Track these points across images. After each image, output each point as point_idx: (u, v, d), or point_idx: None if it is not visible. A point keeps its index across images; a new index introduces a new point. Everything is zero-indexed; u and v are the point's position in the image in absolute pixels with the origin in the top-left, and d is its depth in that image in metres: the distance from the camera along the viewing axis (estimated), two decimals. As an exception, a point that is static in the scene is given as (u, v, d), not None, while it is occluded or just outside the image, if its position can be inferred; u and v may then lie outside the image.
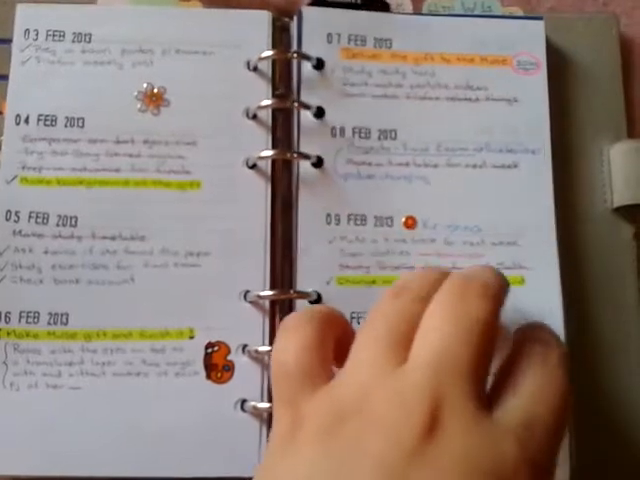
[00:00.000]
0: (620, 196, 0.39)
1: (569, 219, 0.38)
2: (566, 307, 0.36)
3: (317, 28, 0.38)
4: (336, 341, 0.27)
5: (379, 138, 0.38)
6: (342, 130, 0.38)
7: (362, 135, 0.38)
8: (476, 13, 0.41)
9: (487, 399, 0.23)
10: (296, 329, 0.26)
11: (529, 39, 0.39)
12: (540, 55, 0.39)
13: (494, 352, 0.24)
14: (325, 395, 0.23)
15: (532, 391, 0.23)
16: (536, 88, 0.39)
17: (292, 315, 0.29)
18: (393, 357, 0.23)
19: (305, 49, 0.38)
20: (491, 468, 0.21)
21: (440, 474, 0.20)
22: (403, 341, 0.24)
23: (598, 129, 0.40)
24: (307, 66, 0.38)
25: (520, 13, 0.41)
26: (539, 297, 0.36)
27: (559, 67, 0.40)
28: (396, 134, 0.38)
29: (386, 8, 0.40)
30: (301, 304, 0.35)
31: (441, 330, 0.23)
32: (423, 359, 0.23)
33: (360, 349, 0.25)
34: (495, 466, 0.21)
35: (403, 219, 0.37)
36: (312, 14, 0.39)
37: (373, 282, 0.36)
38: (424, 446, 0.21)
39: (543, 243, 0.37)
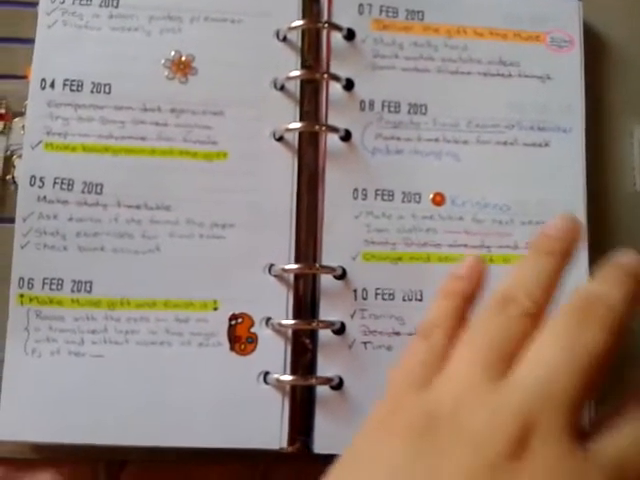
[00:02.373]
0: (650, 178, 0.37)
1: (597, 200, 0.36)
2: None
3: None
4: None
5: (409, 112, 0.36)
6: (371, 103, 0.36)
7: (391, 109, 0.36)
8: None
9: (585, 431, 0.21)
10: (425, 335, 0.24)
11: (563, 16, 0.37)
12: (574, 32, 0.37)
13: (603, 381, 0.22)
14: (424, 395, 0.22)
15: (636, 435, 0.21)
16: (570, 66, 0.37)
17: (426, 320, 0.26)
18: (493, 374, 0.22)
19: (336, 19, 0.36)
20: None
21: None
22: (505, 358, 0.22)
23: (629, 111, 0.38)
24: (337, 37, 0.36)
25: None
26: (567, 277, 0.35)
27: (592, 46, 0.38)
28: (426, 109, 0.36)
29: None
30: (326, 279, 0.34)
31: (552, 359, 0.22)
32: (526, 383, 0.21)
33: (461, 360, 0.23)
34: None
35: (431, 195, 0.35)
36: (344, -16, 0.36)
37: (399, 259, 0.34)
38: (509, 464, 0.20)
39: None
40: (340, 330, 0.34)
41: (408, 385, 0.23)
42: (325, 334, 0.34)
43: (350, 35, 0.36)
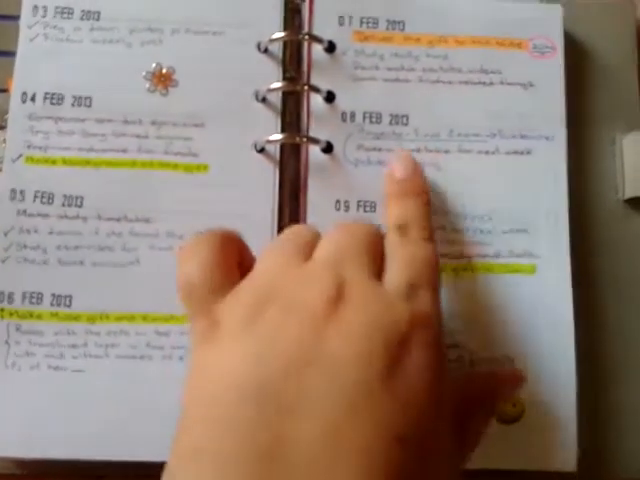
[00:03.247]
0: (632, 187, 0.36)
1: (580, 209, 0.36)
2: (576, 296, 0.34)
3: (329, 10, 0.36)
4: (239, 262, 0.27)
5: (390, 123, 0.35)
6: (352, 115, 0.35)
7: (373, 120, 0.35)
8: None
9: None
10: (194, 251, 0.26)
11: (545, 22, 0.36)
12: (556, 38, 0.36)
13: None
14: (236, 294, 0.24)
15: (406, 256, 0.26)
16: (552, 72, 0.36)
17: (187, 241, 0.27)
18: (300, 255, 0.25)
19: (317, 31, 0.35)
20: (391, 328, 0.23)
21: (349, 338, 0.22)
22: (307, 248, 0.26)
23: (611, 118, 0.37)
24: (318, 49, 0.35)
25: None
26: (549, 286, 0.34)
27: (573, 54, 0.37)
28: (408, 119, 0.35)
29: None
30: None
31: (337, 237, 0.26)
32: (324, 253, 0.26)
33: (267, 253, 0.26)
34: (394, 325, 0.23)
35: (413, 206, 0.35)
36: (324, -4, 0.36)
37: (381, 269, 0.34)
38: (334, 315, 0.22)
39: (555, 231, 0.34)
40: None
41: (212, 296, 0.25)
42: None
43: (331, 47, 0.35)
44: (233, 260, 0.26)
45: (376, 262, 0.26)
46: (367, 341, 0.22)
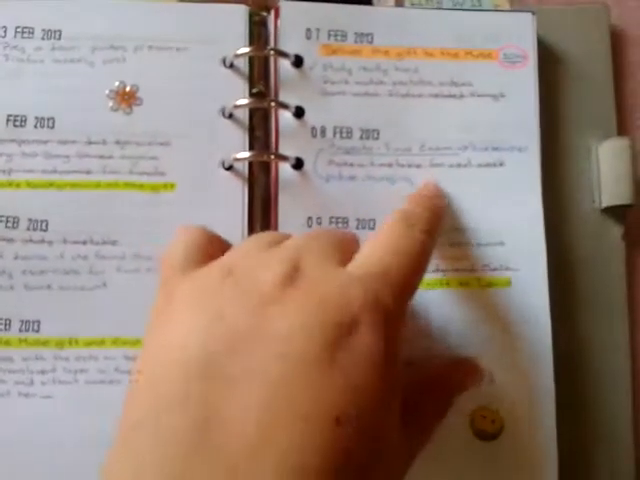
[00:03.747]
0: (609, 196, 0.35)
1: (556, 219, 0.35)
2: (553, 308, 0.33)
3: (295, 23, 0.34)
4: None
5: (361, 138, 0.34)
6: (323, 130, 0.34)
7: (343, 135, 0.34)
8: (466, 7, 0.37)
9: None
10: (184, 233, 0.27)
11: (515, 31, 0.35)
12: (528, 47, 0.35)
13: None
14: (199, 271, 0.25)
15: (386, 243, 0.26)
16: (523, 82, 0.35)
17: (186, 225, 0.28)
18: (271, 244, 0.26)
19: (283, 45, 0.34)
20: (340, 308, 0.22)
21: (293, 315, 0.22)
22: (279, 239, 0.26)
23: (587, 126, 0.36)
24: (285, 63, 0.34)
25: (507, 6, 0.37)
26: (526, 298, 0.33)
27: (547, 61, 0.36)
28: (379, 134, 0.34)
29: (368, 2, 0.36)
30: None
31: (308, 233, 0.27)
32: (291, 241, 0.26)
33: (242, 242, 0.27)
34: (344, 308, 0.22)
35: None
36: (290, 9, 0.35)
37: (353, 286, 0.33)
38: (283, 294, 0.22)
39: (530, 243, 0.33)
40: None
41: (180, 271, 0.25)
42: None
43: (298, 61, 0.34)
44: (216, 252, 0.26)
45: (343, 254, 0.25)
46: (311, 318, 0.22)
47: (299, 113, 0.34)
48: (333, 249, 0.25)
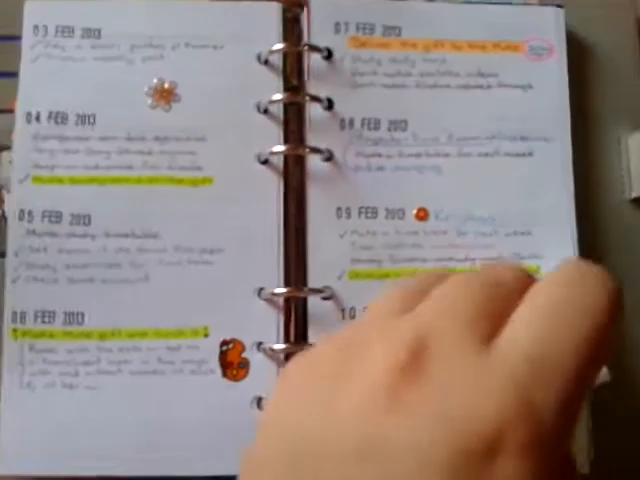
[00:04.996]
0: (638, 187, 0.35)
1: (586, 209, 0.34)
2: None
3: (325, 18, 0.34)
4: None
5: (389, 129, 0.34)
6: (351, 122, 0.34)
7: (371, 126, 0.34)
8: (495, 1, 0.36)
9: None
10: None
11: (541, 24, 0.35)
12: (554, 40, 0.35)
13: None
14: (327, 340, 0.20)
15: (550, 315, 0.17)
16: (550, 74, 0.35)
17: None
18: (406, 304, 0.19)
19: (313, 40, 0.34)
20: (474, 423, 0.15)
21: (407, 422, 0.16)
22: (418, 297, 0.19)
23: (616, 117, 0.36)
24: (316, 57, 0.34)
25: (536, 2, 0.36)
26: None
27: (577, 55, 0.36)
28: (406, 124, 0.34)
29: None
30: (314, 300, 0.32)
31: (447, 290, 0.19)
32: (422, 308, 0.19)
33: (380, 295, 0.21)
34: (479, 423, 0.15)
35: (414, 211, 0.33)
36: (319, 3, 0.34)
37: (386, 276, 0.33)
38: (399, 383, 0.16)
39: (559, 232, 0.33)
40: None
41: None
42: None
43: (329, 54, 0.34)
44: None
45: (494, 319, 0.18)
46: (429, 435, 0.15)
47: (329, 105, 0.34)
48: (476, 318, 0.18)
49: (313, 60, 0.34)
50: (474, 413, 0.15)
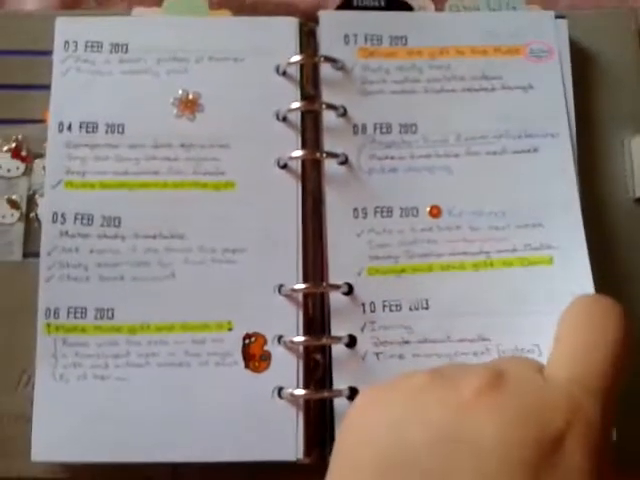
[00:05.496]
0: (642, 187, 0.36)
1: (591, 209, 0.35)
2: (597, 288, 0.33)
3: (335, 30, 0.36)
4: None
5: (400, 132, 0.35)
6: (364, 127, 0.35)
7: (383, 130, 0.35)
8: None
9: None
10: None
11: (540, 28, 0.37)
12: (553, 42, 0.37)
13: None
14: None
15: (580, 341, 0.23)
16: (550, 74, 0.36)
17: None
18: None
19: (325, 51, 0.36)
20: (543, 423, 0.20)
21: (500, 421, 0.20)
22: None
23: (620, 122, 0.37)
24: (329, 68, 0.36)
25: (538, 9, 0.38)
26: (569, 275, 0.33)
27: (581, 63, 0.37)
28: (416, 127, 0.36)
29: (409, 10, 0.38)
30: (334, 296, 0.33)
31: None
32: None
33: None
34: (547, 422, 0.20)
35: (428, 208, 0.35)
36: (329, 18, 0.37)
37: (402, 271, 0.34)
38: (486, 397, 0.21)
39: (569, 223, 0.34)
40: (351, 343, 0.33)
41: None
42: (338, 348, 0.33)
43: (340, 65, 0.36)
44: None
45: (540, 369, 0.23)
46: (519, 429, 0.20)
47: (343, 112, 0.36)
48: (529, 361, 0.23)
49: (326, 71, 0.36)
50: (544, 414, 0.20)
